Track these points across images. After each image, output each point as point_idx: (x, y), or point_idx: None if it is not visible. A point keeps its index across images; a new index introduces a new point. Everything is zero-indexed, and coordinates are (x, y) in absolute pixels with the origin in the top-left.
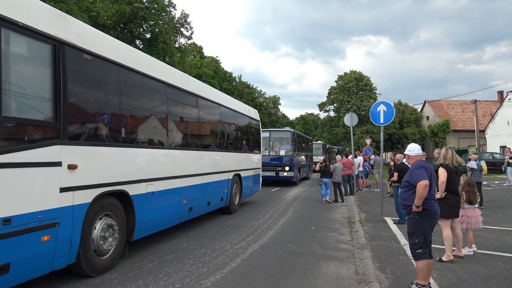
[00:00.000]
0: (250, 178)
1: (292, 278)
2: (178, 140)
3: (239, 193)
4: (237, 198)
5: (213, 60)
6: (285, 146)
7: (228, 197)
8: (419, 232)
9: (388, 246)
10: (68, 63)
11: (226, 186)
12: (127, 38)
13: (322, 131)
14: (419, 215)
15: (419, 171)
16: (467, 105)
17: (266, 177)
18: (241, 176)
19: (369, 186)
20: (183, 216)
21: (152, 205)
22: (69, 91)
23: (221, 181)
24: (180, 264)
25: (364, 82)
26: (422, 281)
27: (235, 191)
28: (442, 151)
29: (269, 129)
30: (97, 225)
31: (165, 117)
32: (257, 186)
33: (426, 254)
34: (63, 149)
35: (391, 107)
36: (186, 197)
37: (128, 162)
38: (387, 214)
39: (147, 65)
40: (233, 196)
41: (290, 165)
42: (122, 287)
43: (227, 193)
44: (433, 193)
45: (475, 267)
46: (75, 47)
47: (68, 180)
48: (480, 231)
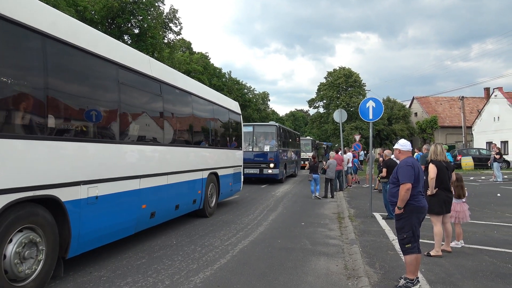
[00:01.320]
0: (229, 176)
1: (282, 274)
2: (134, 133)
3: (216, 194)
4: (213, 200)
5: (202, 56)
6: (269, 142)
7: (202, 199)
8: (407, 227)
9: (377, 241)
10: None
11: (200, 187)
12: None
13: (312, 127)
14: (406, 210)
15: (406, 171)
16: (454, 101)
17: (249, 175)
18: (219, 175)
19: (358, 182)
20: (143, 223)
21: (97, 213)
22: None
23: (193, 181)
24: (169, 261)
25: (353, 78)
26: (410, 275)
27: (211, 192)
28: (432, 147)
29: (252, 123)
30: (13, 238)
31: (116, 105)
32: (237, 185)
33: (415, 248)
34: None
35: (380, 103)
36: (146, 200)
37: (58, 159)
38: (376, 210)
39: (90, 40)
40: (208, 197)
41: (275, 162)
42: (110, 284)
43: (201, 194)
44: (421, 189)
45: (462, 261)
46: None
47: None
48: (467, 225)
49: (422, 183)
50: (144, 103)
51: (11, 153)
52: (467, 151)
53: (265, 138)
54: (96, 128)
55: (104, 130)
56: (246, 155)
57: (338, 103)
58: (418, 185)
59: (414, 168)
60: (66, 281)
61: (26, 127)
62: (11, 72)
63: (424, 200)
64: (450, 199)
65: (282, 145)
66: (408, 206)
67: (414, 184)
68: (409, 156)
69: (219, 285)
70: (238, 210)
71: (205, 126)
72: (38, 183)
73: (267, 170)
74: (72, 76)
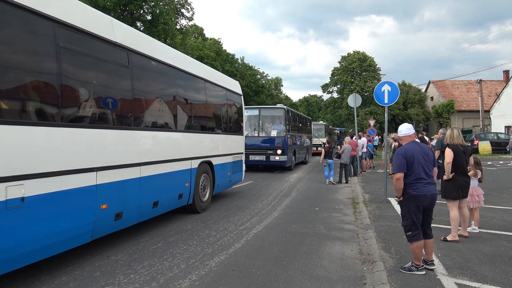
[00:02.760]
0: (227, 165)
1: (297, 258)
2: (86, 113)
3: (211, 186)
4: (206, 193)
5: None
6: (277, 126)
7: (191, 193)
8: (407, 215)
9: (392, 226)
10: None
11: (188, 179)
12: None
13: (326, 112)
14: (405, 198)
15: (396, 160)
16: (472, 85)
17: (255, 162)
18: (213, 164)
19: (373, 167)
20: (105, 227)
21: (25, 220)
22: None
23: (178, 172)
24: (184, 245)
25: (367, 62)
26: (416, 261)
27: (204, 184)
28: (448, 131)
29: (258, 106)
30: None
31: (55, 75)
32: (238, 175)
33: (416, 236)
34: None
35: (396, 87)
36: (108, 199)
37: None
38: (391, 195)
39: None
40: (200, 190)
41: (283, 148)
42: (127, 268)
43: (189, 187)
44: (422, 176)
45: (480, 247)
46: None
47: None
48: (485, 210)
49: (422, 169)
50: (106, 76)
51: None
52: (484, 136)
53: (272, 122)
54: (28, 105)
55: (36, 108)
56: (251, 140)
57: (352, 88)
58: (414, 173)
59: (406, 156)
60: (84, 265)
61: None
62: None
63: (424, 187)
64: (467, 183)
65: (291, 130)
66: (405, 194)
67: (409, 172)
68: (409, 142)
69: (234, 269)
70: (252, 196)
71: (193, 107)
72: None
73: (274, 157)
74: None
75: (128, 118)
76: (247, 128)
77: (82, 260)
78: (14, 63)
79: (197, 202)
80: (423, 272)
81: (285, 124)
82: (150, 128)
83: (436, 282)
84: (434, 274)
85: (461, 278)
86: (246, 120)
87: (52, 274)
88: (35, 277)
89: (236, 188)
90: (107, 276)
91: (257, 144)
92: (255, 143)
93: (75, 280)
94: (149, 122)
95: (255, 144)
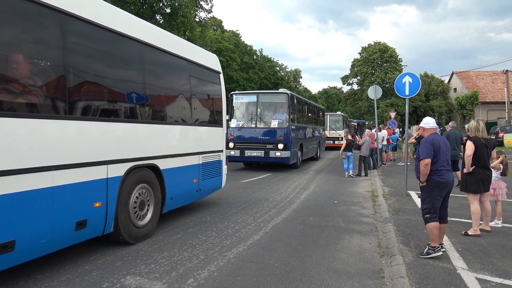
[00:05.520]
0: (192, 169)
1: (315, 250)
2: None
3: (157, 203)
4: (148, 213)
5: (233, 34)
6: (279, 115)
7: (107, 217)
8: (428, 199)
9: (412, 220)
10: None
11: (98, 196)
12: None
13: (345, 104)
14: (429, 183)
15: (425, 147)
16: (497, 75)
17: (251, 159)
18: (162, 169)
19: (393, 160)
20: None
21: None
22: None
23: (69, 188)
24: (203, 236)
25: (389, 53)
26: (433, 243)
27: (142, 200)
28: (472, 123)
29: (257, 90)
30: None
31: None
32: (214, 181)
33: (433, 218)
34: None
35: (417, 78)
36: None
37: None
38: (411, 188)
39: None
40: (131, 211)
41: (285, 142)
42: (148, 257)
43: (102, 208)
44: (445, 163)
45: (502, 241)
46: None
47: None
48: (508, 204)
49: (445, 158)
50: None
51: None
52: (510, 128)
53: (273, 111)
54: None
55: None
56: (247, 132)
57: (372, 79)
58: (439, 160)
59: (433, 144)
60: (106, 254)
61: None
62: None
63: (448, 174)
64: (489, 177)
65: (296, 120)
66: (430, 180)
67: (434, 159)
68: (432, 133)
69: (252, 261)
70: (271, 188)
71: (110, 81)
72: None
73: (275, 153)
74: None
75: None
76: (243, 118)
77: (105, 250)
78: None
79: (126, 229)
80: (440, 253)
81: (289, 113)
82: None
83: (456, 276)
84: (454, 268)
85: (482, 273)
86: (243, 108)
87: (76, 263)
88: (59, 266)
89: (254, 181)
90: (129, 266)
91: (254, 137)
92: (252, 135)
93: (98, 269)
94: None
95: (252, 137)
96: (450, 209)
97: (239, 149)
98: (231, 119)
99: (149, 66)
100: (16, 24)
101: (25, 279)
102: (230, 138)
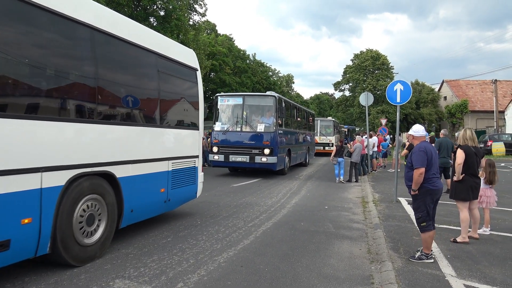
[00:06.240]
0: (159, 177)
1: (305, 256)
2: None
3: (111, 216)
4: (99, 229)
5: (227, 38)
6: (266, 119)
7: (41, 235)
8: (422, 207)
9: (401, 226)
10: None
11: (28, 211)
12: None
13: (337, 110)
14: (421, 192)
15: (419, 156)
16: (486, 85)
17: (235, 164)
18: (120, 178)
19: (384, 166)
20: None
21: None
22: None
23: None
24: (194, 240)
25: (381, 61)
26: (426, 250)
27: (90, 215)
28: (461, 132)
29: (242, 93)
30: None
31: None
32: (187, 190)
33: (429, 226)
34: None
35: (408, 86)
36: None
37: None
38: (401, 195)
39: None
40: (74, 227)
41: (272, 146)
42: (137, 261)
43: (36, 225)
44: (435, 171)
45: (490, 249)
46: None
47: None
48: (496, 212)
49: (436, 166)
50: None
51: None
52: (498, 137)
53: (260, 114)
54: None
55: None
56: (232, 136)
57: (364, 86)
58: (431, 168)
59: (427, 153)
60: (95, 257)
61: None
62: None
63: (438, 181)
64: (478, 185)
65: (284, 125)
66: (422, 188)
67: (427, 167)
68: (422, 141)
69: (242, 265)
70: (262, 193)
71: (49, 74)
72: None
73: (260, 158)
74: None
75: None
76: (228, 121)
77: None
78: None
79: (67, 249)
80: (432, 260)
81: (276, 116)
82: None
83: (445, 283)
84: (443, 275)
85: (470, 280)
86: (228, 111)
87: (64, 265)
88: (47, 268)
89: (245, 185)
90: (118, 269)
91: (239, 142)
92: (236, 139)
93: (87, 272)
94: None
95: (236, 141)
96: (439, 216)
97: (223, 154)
98: (216, 122)
99: (102, 55)
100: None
101: (12, 281)
102: (214, 142)
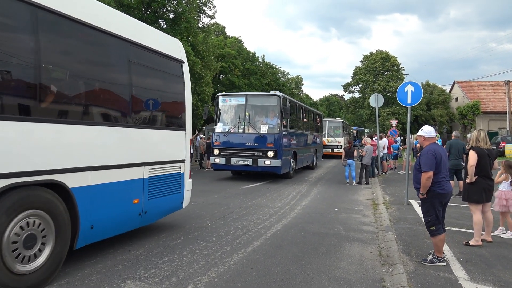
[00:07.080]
0: (132, 186)
1: (315, 258)
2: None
3: (61, 236)
4: (43, 253)
5: (236, 40)
6: (270, 120)
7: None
8: (431, 211)
9: (413, 229)
10: None
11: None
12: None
13: (347, 112)
14: (429, 195)
15: (427, 159)
16: (499, 86)
17: (237, 168)
18: (73, 188)
19: (394, 168)
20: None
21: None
22: None
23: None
24: (204, 242)
25: (390, 62)
26: (438, 253)
27: (27, 236)
28: (474, 133)
29: (245, 92)
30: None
31: None
32: (169, 201)
33: (439, 230)
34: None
35: (419, 87)
36: None
37: None
38: (412, 197)
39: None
40: (3, 252)
41: (276, 149)
42: (148, 262)
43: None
44: (445, 174)
45: (504, 252)
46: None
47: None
48: None
49: (446, 169)
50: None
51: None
52: (511, 138)
53: (263, 115)
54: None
55: None
56: (234, 138)
57: (374, 88)
58: (440, 172)
59: (435, 156)
60: (106, 258)
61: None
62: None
63: (447, 184)
64: (491, 187)
65: (289, 126)
66: (430, 191)
67: (436, 171)
68: (432, 143)
69: (252, 267)
70: (271, 195)
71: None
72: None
73: (264, 161)
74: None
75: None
76: (230, 122)
77: (105, 254)
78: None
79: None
80: (444, 263)
81: (281, 117)
82: None
83: (458, 287)
84: (456, 278)
85: (483, 283)
86: (230, 111)
87: (76, 266)
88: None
89: (254, 187)
90: (129, 270)
91: (242, 144)
92: (240, 142)
93: (98, 273)
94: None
95: (238, 143)
96: (452, 219)
97: (225, 157)
98: (217, 123)
99: (47, 39)
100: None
101: None
102: (215, 144)
